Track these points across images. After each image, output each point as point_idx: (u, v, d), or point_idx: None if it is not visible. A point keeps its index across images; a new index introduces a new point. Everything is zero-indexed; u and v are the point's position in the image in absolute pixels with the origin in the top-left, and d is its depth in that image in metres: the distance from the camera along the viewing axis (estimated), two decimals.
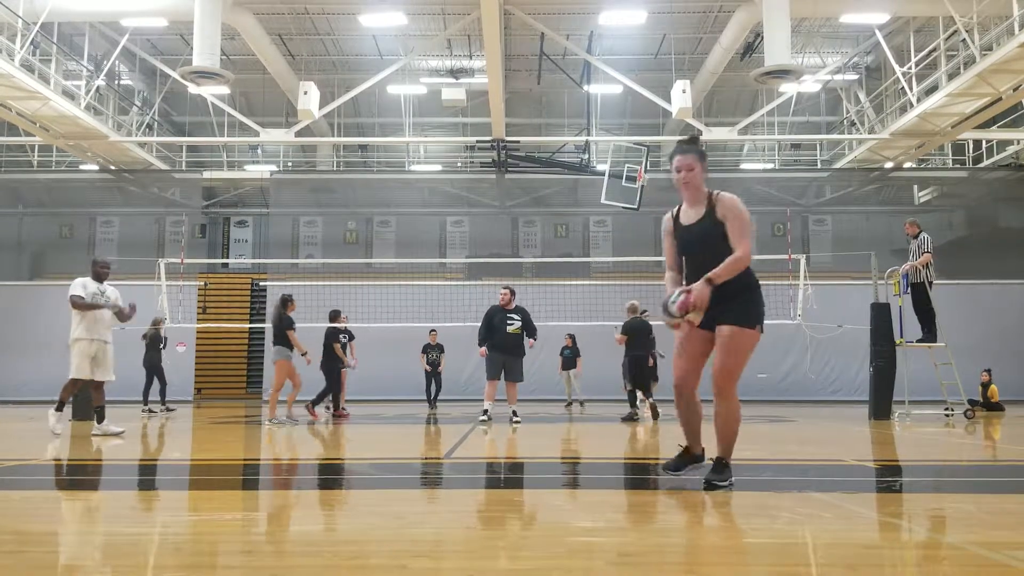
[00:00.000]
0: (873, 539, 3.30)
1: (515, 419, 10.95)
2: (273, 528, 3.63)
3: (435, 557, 2.94)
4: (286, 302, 11.59)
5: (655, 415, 11.63)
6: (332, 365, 12.76)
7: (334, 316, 13.16)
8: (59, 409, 8.83)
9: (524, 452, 7.54)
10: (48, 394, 17.94)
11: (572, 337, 17.29)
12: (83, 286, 8.96)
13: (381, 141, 25.41)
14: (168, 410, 15.14)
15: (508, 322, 11.43)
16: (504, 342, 11.38)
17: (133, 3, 17.96)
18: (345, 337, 14.35)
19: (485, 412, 11.09)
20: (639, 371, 12.30)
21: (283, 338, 11.36)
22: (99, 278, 9.11)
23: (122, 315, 9.15)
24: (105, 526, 3.72)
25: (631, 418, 11.84)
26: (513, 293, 11.70)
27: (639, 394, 12.27)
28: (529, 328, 11.57)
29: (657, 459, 6.33)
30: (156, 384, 15.23)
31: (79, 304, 8.85)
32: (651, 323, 12.54)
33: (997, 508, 4.04)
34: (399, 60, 20.10)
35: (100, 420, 8.92)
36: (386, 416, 12.78)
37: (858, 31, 20.80)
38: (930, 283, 12.14)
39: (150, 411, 14.82)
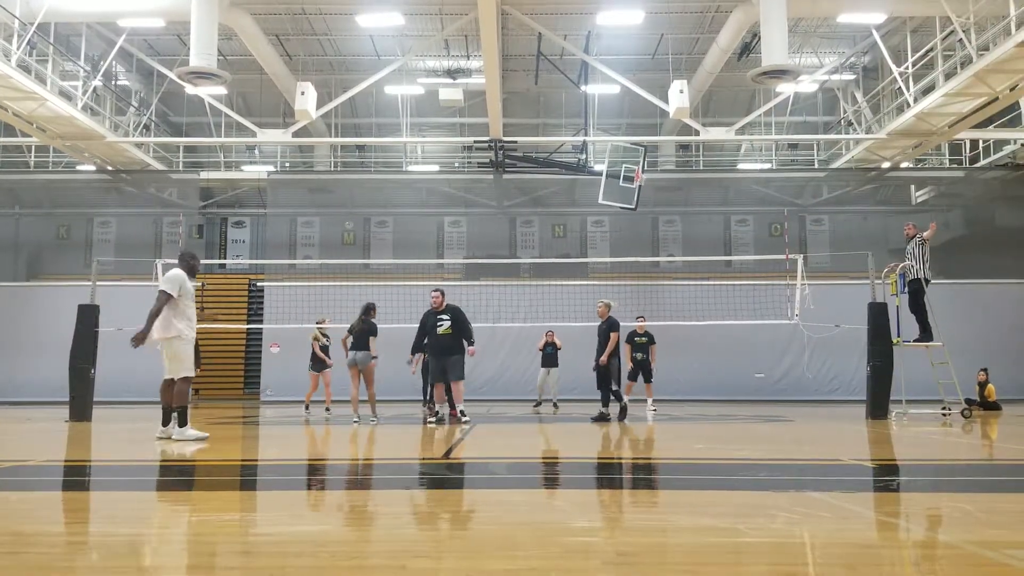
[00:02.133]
0: (871, 538, 3.30)
1: (464, 419, 10.94)
2: (271, 528, 3.63)
3: (434, 557, 2.94)
4: (372, 308, 11.91)
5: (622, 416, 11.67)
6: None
7: None
8: (184, 423, 8.15)
9: (522, 452, 7.54)
10: (44, 395, 18.11)
11: (553, 333, 16.80)
12: (181, 283, 8.23)
13: (378, 141, 25.38)
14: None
15: (438, 324, 11.48)
16: (436, 344, 11.49)
17: (130, 3, 17.91)
18: (327, 340, 14.74)
19: (436, 414, 11.30)
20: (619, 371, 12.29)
21: (366, 343, 11.58)
22: (193, 273, 8.55)
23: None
24: (102, 527, 3.71)
25: (623, 415, 11.74)
26: (443, 294, 11.73)
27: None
28: (463, 329, 11.48)
29: (648, 458, 6.31)
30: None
31: (163, 301, 8.07)
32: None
33: (994, 507, 4.05)
34: (396, 60, 20.08)
35: (182, 423, 8.19)
36: (384, 416, 12.77)
37: (855, 31, 20.81)
38: (927, 281, 12.15)
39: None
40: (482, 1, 14.71)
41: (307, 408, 14.94)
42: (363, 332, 11.60)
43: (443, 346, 11.42)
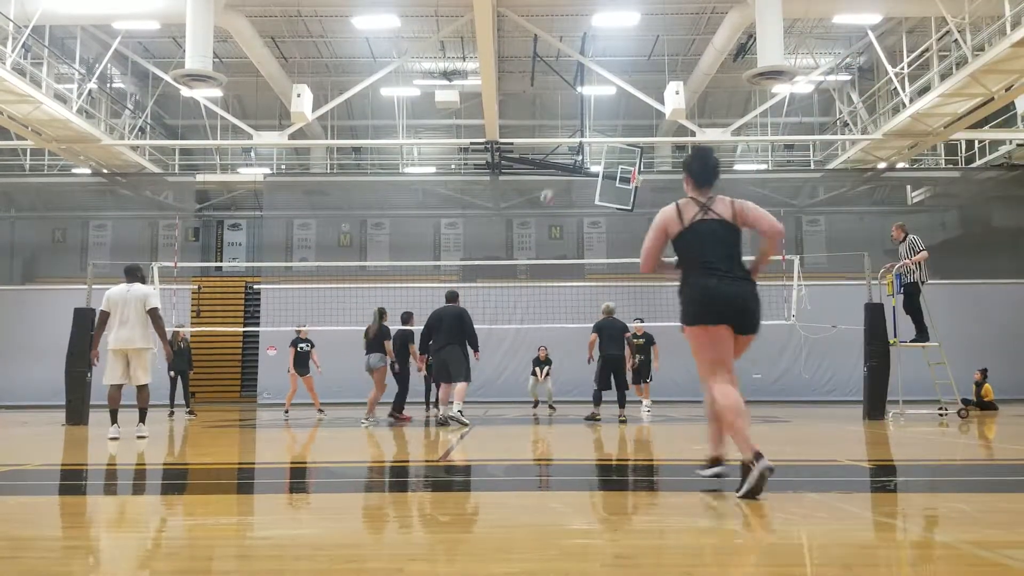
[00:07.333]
0: (868, 539, 3.30)
1: (459, 418, 10.89)
2: (269, 531, 3.62)
3: (431, 560, 2.94)
4: (384, 313, 12.23)
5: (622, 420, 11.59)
6: (404, 368, 13.03)
7: (406, 319, 13.30)
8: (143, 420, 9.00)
9: (519, 454, 7.53)
10: (40, 399, 18.08)
11: (546, 349, 16.69)
12: None
13: (375, 143, 25.35)
14: (191, 414, 15.15)
15: None
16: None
17: (125, 6, 17.87)
18: (307, 346, 14.79)
19: (459, 414, 11.01)
20: (614, 372, 12.25)
21: (381, 346, 11.94)
22: None
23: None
24: (99, 531, 3.70)
25: (593, 419, 11.74)
26: None
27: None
28: None
29: (646, 460, 6.31)
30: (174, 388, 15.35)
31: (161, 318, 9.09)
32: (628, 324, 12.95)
33: (991, 507, 4.06)
34: (392, 62, 20.06)
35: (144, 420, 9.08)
36: (381, 419, 12.76)
37: (851, 32, 20.83)
38: (923, 282, 12.17)
39: (171, 414, 14.93)
40: (478, 3, 14.71)
41: (287, 411, 14.91)
42: (377, 336, 11.88)
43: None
